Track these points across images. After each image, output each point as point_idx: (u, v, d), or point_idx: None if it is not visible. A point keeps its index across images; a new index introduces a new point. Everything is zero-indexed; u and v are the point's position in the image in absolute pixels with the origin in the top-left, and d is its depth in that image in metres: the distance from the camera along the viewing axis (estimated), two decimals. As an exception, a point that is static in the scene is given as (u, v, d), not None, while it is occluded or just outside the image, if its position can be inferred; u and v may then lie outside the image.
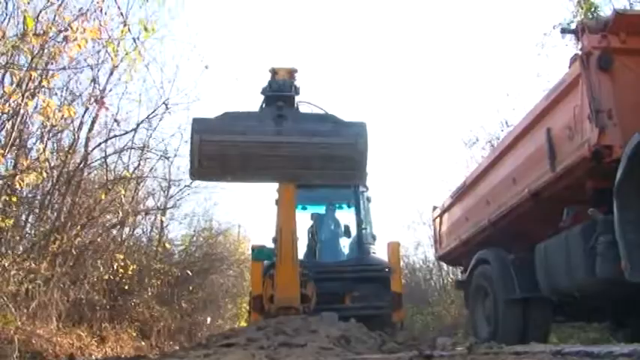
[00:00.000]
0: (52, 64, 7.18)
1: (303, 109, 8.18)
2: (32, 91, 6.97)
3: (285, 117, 7.39)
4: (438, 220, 9.39)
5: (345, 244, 10.80)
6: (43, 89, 7.21)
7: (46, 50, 6.89)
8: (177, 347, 9.56)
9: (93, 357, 7.10)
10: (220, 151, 7.19)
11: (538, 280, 5.86)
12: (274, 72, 8.41)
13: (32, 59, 6.73)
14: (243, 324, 13.92)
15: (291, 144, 7.22)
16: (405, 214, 45.70)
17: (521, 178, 6.04)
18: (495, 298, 6.71)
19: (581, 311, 6.51)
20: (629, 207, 4.30)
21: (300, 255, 8.97)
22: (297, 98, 8.17)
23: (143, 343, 9.84)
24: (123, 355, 7.63)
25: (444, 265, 17.70)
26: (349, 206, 10.88)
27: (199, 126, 7.34)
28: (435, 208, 9.68)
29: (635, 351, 1.99)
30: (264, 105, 7.87)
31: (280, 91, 7.81)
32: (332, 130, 7.33)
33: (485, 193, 7.11)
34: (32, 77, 6.77)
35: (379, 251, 10.51)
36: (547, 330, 6.80)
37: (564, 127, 5.16)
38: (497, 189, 6.74)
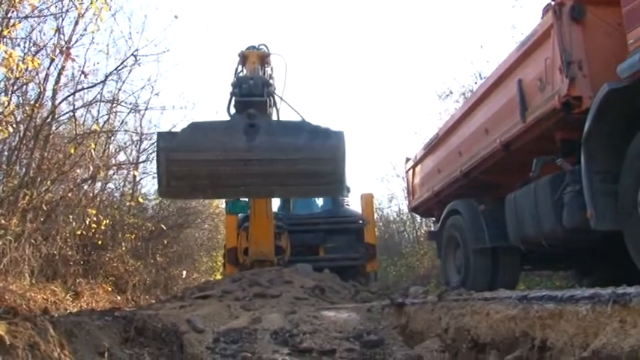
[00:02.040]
0: (12, 12, 6.90)
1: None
2: (-8, 40, 6.71)
3: (257, 127, 6.72)
4: (410, 171, 9.47)
5: (318, 196, 10.86)
6: (4, 39, 6.94)
7: (5, -3, 6.61)
8: (154, 301, 9.61)
9: (68, 311, 7.10)
10: (189, 171, 6.68)
11: (507, 229, 6.00)
12: (243, 57, 7.95)
13: (-10, 7, 6.47)
14: (219, 277, 14.02)
15: (265, 161, 6.63)
16: (379, 166, 46.19)
17: (493, 129, 6.09)
18: (466, 248, 6.86)
19: (549, 260, 6.71)
20: (596, 157, 4.38)
21: (275, 207, 9.02)
22: (271, 84, 7.58)
23: (119, 298, 9.86)
24: (98, 309, 7.67)
25: (418, 218, 17.96)
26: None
27: (165, 143, 6.75)
28: (407, 159, 9.74)
29: (595, 294, 2.06)
30: (232, 107, 7.25)
31: (250, 96, 7.18)
32: (308, 142, 6.67)
33: (458, 144, 7.16)
34: (-8, 26, 6.52)
35: (353, 203, 10.62)
36: (515, 278, 7.01)
37: (535, 78, 5.18)
38: (469, 140, 6.79)
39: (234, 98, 7.24)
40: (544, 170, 5.24)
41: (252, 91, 7.17)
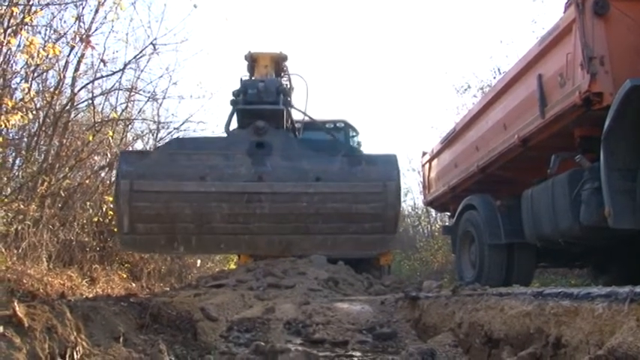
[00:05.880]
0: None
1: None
2: (15, 28, 6.78)
3: (269, 147, 4.91)
4: (427, 165, 9.43)
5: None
6: (26, 27, 7.01)
7: (27, -15, 6.69)
8: (168, 288, 9.69)
9: (84, 296, 7.19)
10: (164, 210, 4.79)
11: (523, 226, 5.96)
12: (252, 60, 5.93)
13: (13, -5, 6.53)
14: (233, 266, 14.09)
15: (280, 195, 4.79)
16: (395, 160, 45.99)
17: (512, 124, 6.04)
18: (481, 243, 6.83)
19: (565, 257, 6.66)
20: (616, 154, 4.33)
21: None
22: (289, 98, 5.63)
23: (134, 285, 9.94)
24: (114, 295, 7.74)
25: (433, 212, 17.93)
26: (339, 151, 10.79)
27: (130, 166, 4.90)
28: (424, 153, 9.71)
29: (612, 292, 2.04)
30: (233, 118, 5.37)
31: (259, 103, 5.24)
32: (346, 169, 4.94)
33: (475, 139, 7.12)
34: (14, 13, 6.58)
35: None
36: (531, 275, 6.97)
37: (556, 73, 5.12)
38: (487, 135, 6.74)
39: (235, 111, 5.37)
40: (562, 167, 5.20)
41: (263, 97, 5.29)
